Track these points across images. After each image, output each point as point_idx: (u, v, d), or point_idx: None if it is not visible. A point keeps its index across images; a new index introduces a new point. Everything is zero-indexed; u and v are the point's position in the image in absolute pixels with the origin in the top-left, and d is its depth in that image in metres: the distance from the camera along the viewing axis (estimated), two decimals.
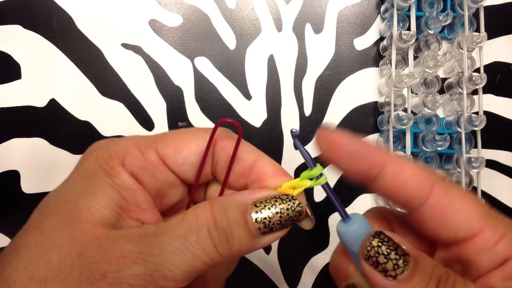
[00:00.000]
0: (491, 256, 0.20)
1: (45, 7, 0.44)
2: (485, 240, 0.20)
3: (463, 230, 0.20)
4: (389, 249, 0.19)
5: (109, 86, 0.44)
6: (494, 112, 0.45)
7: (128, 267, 0.18)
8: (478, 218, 0.20)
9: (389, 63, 0.43)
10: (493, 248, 0.20)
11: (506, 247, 0.20)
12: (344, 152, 0.21)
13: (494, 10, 0.46)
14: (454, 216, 0.20)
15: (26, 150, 0.43)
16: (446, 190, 0.20)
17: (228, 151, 0.23)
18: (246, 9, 0.45)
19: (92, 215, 0.19)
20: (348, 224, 0.21)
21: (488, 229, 0.20)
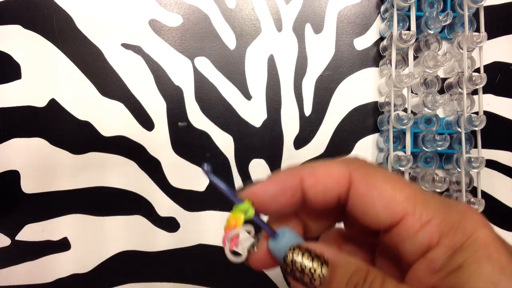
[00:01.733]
0: (412, 244, 0.19)
1: (45, 7, 0.44)
2: (407, 226, 0.19)
3: (384, 218, 0.19)
4: (306, 261, 0.19)
5: (109, 86, 0.44)
6: (494, 112, 0.45)
7: None
8: (400, 203, 0.19)
9: (389, 63, 0.43)
10: (415, 235, 0.19)
11: (428, 234, 0.18)
12: (266, 198, 0.21)
13: (494, 10, 0.46)
14: (373, 204, 0.19)
15: (26, 150, 0.43)
16: (365, 176, 0.20)
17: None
18: (246, 9, 0.45)
19: None
20: (277, 241, 0.21)
21: (411, 215, 0.19)
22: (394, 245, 0.20)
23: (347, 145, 0.45)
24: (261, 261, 0.22)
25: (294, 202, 0.21)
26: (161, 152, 0.44)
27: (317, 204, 0.21)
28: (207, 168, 0.19)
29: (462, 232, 0.18)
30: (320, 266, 0.19)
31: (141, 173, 0.44)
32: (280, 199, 0.21)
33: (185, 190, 0.44)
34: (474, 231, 0.18)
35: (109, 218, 0.44)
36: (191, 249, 0.44)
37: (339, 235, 0.25)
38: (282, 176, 0.21)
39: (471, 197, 0.40)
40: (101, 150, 0.44)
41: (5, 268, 0.43)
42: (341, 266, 0.19)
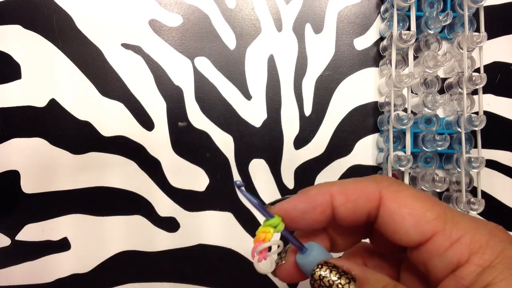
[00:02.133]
0: (441, 261, 0.19)
1: (45, 7, 0.44)
2: (437, 244, 0.19)
3: (414, 235, 0.19)
4: (334, 278, 0.19)
5: (109, 86, 0.44)
6: (494, 112, 0.45)
7: None
8: (430, 221, 0.19)
9: (389, 63, 0.43)
10: (444, 252, 0.19)
11: (458, 252, 0.19)
12: (296, 215, 0.21)
13: (494, 10, 0.46)
14: (403, 222, 0.20)
15: (26, 150, 0.43)
16: (395, 194, 0.20)
17: None
18: (246, 9, 0.45)
19: None
20: (306, 255, 0.21)
21: (441, 233, 0.19)
22: (422, 262, 0.20)
23: (347, 145, 0.45)
24: (288, 274, 0.22)
25: (324, 218, 0.21)
26: (161, 152, 0.44)
27: (346, 221, 0.21)
28: (239, 184, 0.19)
29: (491, 251, 0.18)
30: (347, 282, 0.19)
31: (141, 173, 0.44)
32: (310, 215, 0.21)
33: (185, 190, 0.44)
34: (502, 250, 0.18)
35: (109, 218, 0.44)
36: (191, 249, 0.44)
37: (364, 250, 0.25)
38: (312, 192, 0.21)
39: (471, 197, 0.40)
40: (101, 150, 0.44)
41: (5, 268, 0.43)
42: (368, 283, 0.19)
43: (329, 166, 0.45)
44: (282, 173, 0.44)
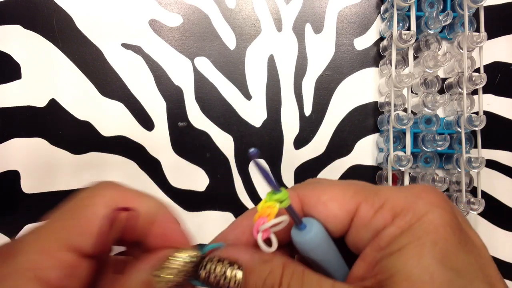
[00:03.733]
0: (368, 230, 0.19)
1: (45, 7, 0.44)
2: (362, 216, 0.19)
3: (341, 216, 0.19)
4: (221, 269, 0.19)
5: (109, 86, 0.44)
6: (494, 112, 0.45)
7: None
8: (351, 197, 0.19)
9: (389, 63, 0.43)
10: (370, 221, 0.19)
11: (382, 218, 0.18)
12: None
13: (494, 10, 0.46)
14: (327, 208, 0.20)
15: (26, 150, 0.43)
16: (311, 192, 0.20)
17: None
18: (246, 9, 0.45)
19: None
20: (304, 232, 0.20)
21: (363, 203, 0.19)
22: (354, 243, 0.20)
23: (347, 145, 0.45)
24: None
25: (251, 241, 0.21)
26: (161, 152, 0.44)
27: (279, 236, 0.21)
28: (253, 152, 0.18)
29: (413, 213, 0.18)
30: (235, 272, 0.19)
31: (141, 173, 0.44)
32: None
33: (185, 190, 0.44)
34: (425, 213, 0.18)
35: None
36: None
37: None
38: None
39: (471, 197, 0.40)
40: (101, 150, 0.44)
41: None
42: (254, 271, 0.19)
43: (329, 166, 0.45)
44: (282, 173, 0.44)
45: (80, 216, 0.19)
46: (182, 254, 0.20)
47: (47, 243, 0.18)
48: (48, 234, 0.18)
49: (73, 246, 0.18)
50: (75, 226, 0.18)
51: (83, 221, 0.19)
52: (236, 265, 0.19)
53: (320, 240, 0.20)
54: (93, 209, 0.19)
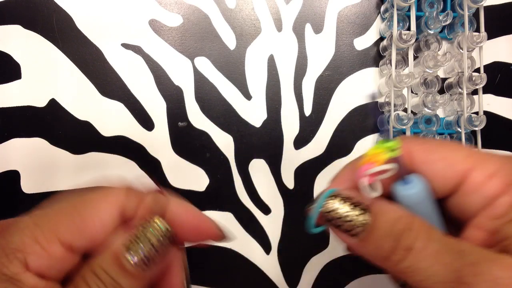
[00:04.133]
0: (479, 196, 0.18)
1: (45, 7, 0.44)
2: (473, 181, 0.19)
3: (450, 178, 0.19)
4: (346, 208, 0.19)
5: (109, 86, 0.44)
6: (494, 112, 0.45)
7: None
8: (462, 161, 0.19)
9: (389, 63, 0.43)
10: (482, 188, 0.18)
11: (495, 186, 0.18)
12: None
13: (494, 10, 0.46)
14: (436, 167, 0.19)
15: (26, 150, 0.43)
16: (422, 146, 0.20)
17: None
18: (246, 9, 0.45)
19: None
20: (409, 187, 0.19)
21: (475, 170, 0.19)
22: (459, 207, 0.19)
23: (347, 145, 0.45)
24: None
25: None
26: (161, 152, 0.44)
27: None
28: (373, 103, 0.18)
29: None
30: (361, 213, 0.18)
31: (141, 173, 0.44)
32: None
33: (185, 190, 0.44)
34: None
35: None
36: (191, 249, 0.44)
37: None
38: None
39: None
40: (101, 150, 0.44)
41: None
42: (383, 213, 0.18)
43: (329, 166, 0.45)
44: (282, 173, 0.44)
45: (82, 216, 0.19)
46: (158, 223, 0.20)
47: (42, 232, 0.19)
48: (47, 224, 0.19)
49: (66, 242, 0.19)
50: (74, 225, 0.19)
51: (84, 222, 0.19)
52: (363, 206, 0.19)
53: (424, 197, 0.19)
54: (97, 213, 0.20)
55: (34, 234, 0.19)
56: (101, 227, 0.20)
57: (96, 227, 0.19)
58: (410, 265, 0.17)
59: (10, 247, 0.18)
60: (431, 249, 0.17)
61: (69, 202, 0.20)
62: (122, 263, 0.19)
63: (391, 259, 0.18)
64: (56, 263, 0.19)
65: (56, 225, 0.19)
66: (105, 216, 0.20)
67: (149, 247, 0.19)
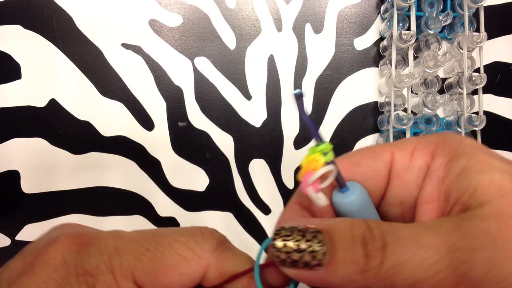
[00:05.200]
0: (412, 173, 0.18)
1: (45, 7, 0.44)
2: (399, 163, 0.19)
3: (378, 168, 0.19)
4: (297, 240, 0.16)
5: (109, 86, 0.44)
6: (494, 112, 0.45)
7: None
8: (381, 151, 0.19)
9: (389, 63, 0.43)
10: (410, 165, 0.18)
11: (421, 156, 0.18)
12: None
13: (494, 10, 0.46)
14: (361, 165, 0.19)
15: (26, 150, 0.43)
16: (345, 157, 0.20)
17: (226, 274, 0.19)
18: (246, 9, 0.45)
19: None
20: (345, 195, 0.19)
21: (396, 152, 0.19)
22: (401, 194, 0.19)
23: (347, 145, 0.45)
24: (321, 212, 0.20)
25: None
26: (161, 152, 0.44)
27: None
28: (298, 92, 0.16)
29: (450, 144, 0.18)
30: (313, 236, 0.16)
31: (141, 173, 0.44)
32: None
33: (185, 190, 0.44)
34: (460, 141, 0.18)
35: (109, 218, 0.44)
36: None
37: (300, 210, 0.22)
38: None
39: None
40: (101, 150, 0.44)
41: None
42: (335, 227, 0.16)
43: None
44: (282, 173, 0.44)
45: (164, 263, 0.18)
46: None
47: (119, 264, 0.17)
48: (127, 256, 0.17)
49: (139, 284, 0.17)
50: (153, 268, 0.18)
51: (163, 270, 0.18)
52: (309, 231, 0.16)
53: (363, 202, 0.19)
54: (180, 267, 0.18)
55: (112, 262, 0.17)
56: (177, 282, 0.18)
57: (174, 279, 0.18)
58: (393, 262, 0.15)
59: (84, 268, 0.17)
60: (406, 237, 0.15)
61: (156, 236, 0.18)
62: None
63: (370, 266, 0.15)
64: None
65: (135, 261, 0.17)
66: (187, 271, 0.18)
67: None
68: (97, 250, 0.17)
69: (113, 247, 0.18)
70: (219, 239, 0.19)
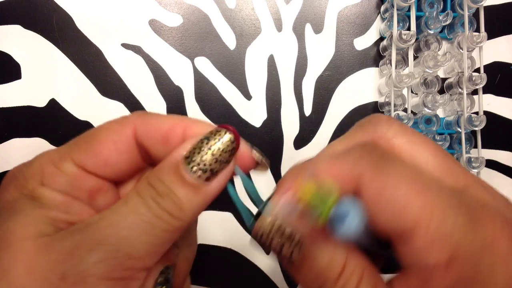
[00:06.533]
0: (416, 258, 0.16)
1: (45, 7, 0.44)
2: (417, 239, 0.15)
3: (392, 226, 0.16)
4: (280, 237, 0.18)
5: (109, 86, 0.44)
6: (494, 112, 0.45)
7: (85, 258, 0.16)
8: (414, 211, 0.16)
9: (389, 63, 0.43)
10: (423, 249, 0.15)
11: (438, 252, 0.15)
12: None
13: (494, 10, 0.46)
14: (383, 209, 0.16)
15: (26, 150, 0.43)
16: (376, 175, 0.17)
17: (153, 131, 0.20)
18: (246, 9, 0.45)
19: (28, 231, 0.17)
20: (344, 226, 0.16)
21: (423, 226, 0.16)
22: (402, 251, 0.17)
23: None
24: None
25: None
26: None
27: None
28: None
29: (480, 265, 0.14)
30: (294, 245, 0.17)
31: None
32: None
33: None
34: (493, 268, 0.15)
35: None
36: None
37: None
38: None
39: None
40: None
41: None
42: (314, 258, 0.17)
43: None
44: (282, 173, 0.44)
45: (96, 139, 0.20)
46: (223, 133, 0.19)
47: (58, 156, 0.20)
48: (63, 148, 0.20)
49: (80, 163, 0.20)
50: (88, 146, 0.20)
51: (97, 145, 0.20)
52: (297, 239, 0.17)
53: (359, 232, 0.17)
54: (110, 135, 0.20)
55: (51, 158, 0.20)
56: (114, 149, 0.20)
57: (109, 149, 0.20)
58: None
59: (30, 172, 0.20)
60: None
61: (87, 132, 0.21)
62: (181, 173, 0.18)
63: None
64: (70, 181, 0.19)
65: (70, 147, 0.20)
66: (118, 137, 0.20)
67: (210, 156, 0.18)
68: (38, 156, 0.21)
69: (52, 150, 0.21)
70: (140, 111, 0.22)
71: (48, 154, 0.20)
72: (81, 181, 0.20)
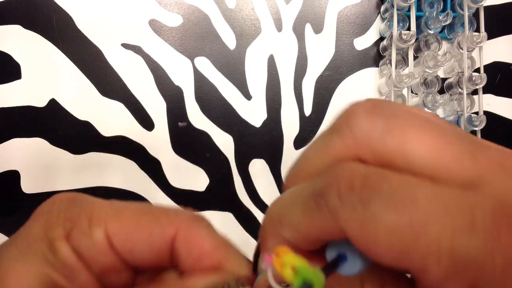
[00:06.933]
0: None
1: (45, 7, 0.44)
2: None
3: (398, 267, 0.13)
4: None
5: (109, 86, 0.44)
6: (494, 112, 0.45)
7: None
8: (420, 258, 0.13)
9: (389, 63, 0.43)
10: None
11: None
12: None
13: (494, 10, 0.46)
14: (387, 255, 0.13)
15: (26, 150, 0.43)
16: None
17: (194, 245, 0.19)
18: (246, 9, 0.45)
19: (21, 284, 0.17)
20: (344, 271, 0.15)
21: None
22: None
23: None
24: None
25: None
26: (161, 152, 0.44)
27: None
28: None
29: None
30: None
31: (141, 173, 0.44)
32: None
33: (185, 190, 0.44)
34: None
35: None
36: None
37: None
38: None
39: None
40: (101, 150, 0.44)
41: None
42: None
43: None
44: (282, 173, 0.44)
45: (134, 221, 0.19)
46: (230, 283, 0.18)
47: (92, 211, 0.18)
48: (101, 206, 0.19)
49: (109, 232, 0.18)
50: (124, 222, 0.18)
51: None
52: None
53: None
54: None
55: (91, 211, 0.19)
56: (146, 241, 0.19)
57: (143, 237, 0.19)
58: None
59: (66, 215, 0.18)
60: None
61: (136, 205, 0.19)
62: None
63: None
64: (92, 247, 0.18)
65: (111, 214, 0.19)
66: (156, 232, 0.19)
67: None
68: (80, 205, 0.19)
69: (98, 201, 0.19)
70: (194, 215, 0.20)
71: (94, 204, 0.19)
72: (103, 254, 0.18)
